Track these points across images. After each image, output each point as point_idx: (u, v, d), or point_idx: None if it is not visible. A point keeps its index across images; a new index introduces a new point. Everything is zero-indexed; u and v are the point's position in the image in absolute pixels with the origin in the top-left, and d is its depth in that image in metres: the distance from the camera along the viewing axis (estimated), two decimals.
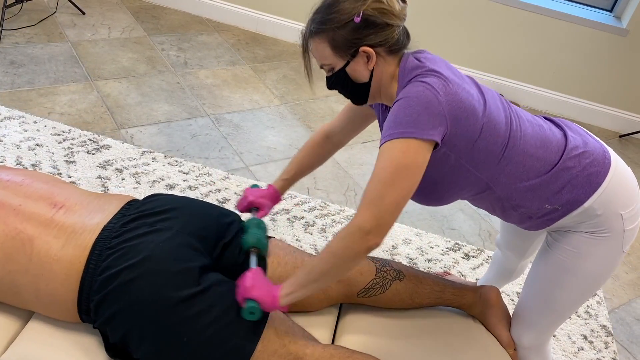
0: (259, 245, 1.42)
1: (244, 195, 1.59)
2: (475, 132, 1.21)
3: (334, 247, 1.18)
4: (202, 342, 1.20)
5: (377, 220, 1.13)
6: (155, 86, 3.07)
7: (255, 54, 3.62)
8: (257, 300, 1.22)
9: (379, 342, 1.46)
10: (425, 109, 1.15)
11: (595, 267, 1.34)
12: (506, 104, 1.31)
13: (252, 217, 1.52)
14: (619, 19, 3.49)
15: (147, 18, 3.72)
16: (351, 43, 1.21)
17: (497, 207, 1.37)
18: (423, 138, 1.14)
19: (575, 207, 1.29)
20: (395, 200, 1.13)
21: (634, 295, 2.46)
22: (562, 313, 1.42)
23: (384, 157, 1.15)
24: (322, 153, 1.61)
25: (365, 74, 1.25)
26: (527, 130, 1.28)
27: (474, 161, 1.25)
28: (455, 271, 2.33)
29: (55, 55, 3.11)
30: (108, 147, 2.51)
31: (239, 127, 2.90)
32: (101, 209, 1.35)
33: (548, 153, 1.28)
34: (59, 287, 1.25)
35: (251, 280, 1.24)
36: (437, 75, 1.19)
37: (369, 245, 1.14)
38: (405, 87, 1.19)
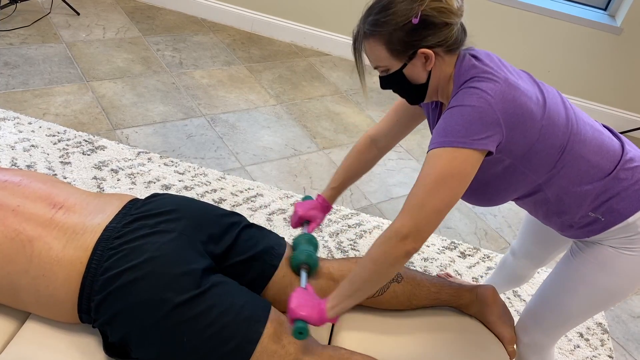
0: (309, 262, 1.43)
1: (294, 211, 1.59)
2: (534, 136, 1.18)
3: (373, 254, 1.18)
4: (202, 343, 1.20)
5: (416, 226, 1.12)
6: (151, 86, 3.06)
7: (251, 54, 3.62)
8: (305, 319, 1.22)
9: (376, 342, 1.46)
10: (479, 118, 1.11)
11: (614, 282, 1.31)
12: (568, 104, 1.26)
13: (302, 233, 1.53)
14: (613, 18, 3.50)
15: (142, 18, 3.71)
16: (409, 45, 1.16)
17: (541, 210, 1.34)
18: (473, 148, 1.11)
19: (619, 220, 1.26)
20: (437, 208, 1.12)
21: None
22: (568, 320, 1.40)
23: (431, 164, 1.13)
24: (368, 159, 1.59)
25: (423, 75, 1.22)
26: (587, 134, 1.25)
27: (529, 163, 1.21)
28: (451, 270, 2.33)
29: (50, 56, 3.10)
30: (103, 148, 2.50)
31: (235, 127, 2.90)
32: (102, 209, 1.34)
33: (604, 160, 1.25)
34: (60, 288, 1.25)
35: (296, 300, 1.25)
36: (493, 79, 1.15)
37: (407, 250, 1.13)
38: (460, 93, 1.16)
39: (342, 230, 2.38)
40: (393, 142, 1.57)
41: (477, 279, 2.32)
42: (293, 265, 1.46)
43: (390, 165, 2.90)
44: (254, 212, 2.37)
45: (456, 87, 1.20)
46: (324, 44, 3.85)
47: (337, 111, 3.25)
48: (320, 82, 3.50)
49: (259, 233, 1.46)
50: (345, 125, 3.14)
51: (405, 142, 3.10)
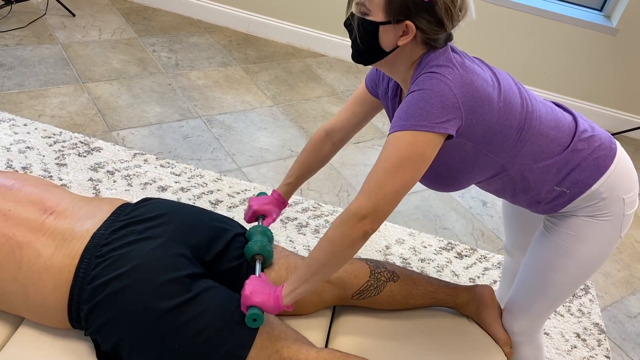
0: (263, 253, 1.41)
1: (249, 205, 1.58)
2: (492, 118, 1.20)
3: (330, 235, 1.17)
4: (194, 350, 1.19)
5: (374, 206, 1.13)
6: (147, 88, 3.05)
7: (247, 55, 3.62)
8: (259, 306, 1.21)
9: (373, 344, 1.46)
10: (440, 102, 1.13)
11: (593, 250, 1.35)
12: (520, 85, 1.30)
13: (256, 225, 1.51)
14: (608, 18, 3.51)
15: (138, 19, 3.70)
16: (406, 10, 1.15)
17: (507, 190, 1.37)
18: (434, 131, 1.13)
19: (583, 190, 1.30)
20: (395, 190, 1.13)
21: (625, 293, 2.48)
22: (555, 297, 1.43)
23: (390, 146, 1.14)
24: (323, 153, 1.59)
25: (391, 44, 1.21)
26: (541, 111, 1.29)
27: (491, 145, 1.24)
28: (448, 271, 2.33)
29: (46, 57, 3.09)
30: (99, 150, 2.50)
31: (231, 128, 2.90)
32: (92, 214, 1.33)
33: (561, 134, 1.29)
34: (49, 296, 1.23)
35: (250, 287, 1.23)
36: (450, 65, 1.18)
37: (365, 230, 1.14)
38: (420, 78, 1.18)
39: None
40: (348, 135, 1.56)
41: (474, 279, 2.32)
42: (247, 256, 1.42)
43: None
44: None
45: (416, 74, 1.21)
46: (321, 44, 3.84)
47: (334, 112, 3.24)
48: (317, 83, 3.50)
49: None
50: None
51: None
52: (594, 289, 2.45)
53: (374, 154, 2.96)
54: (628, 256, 2.70)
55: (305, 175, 1.61)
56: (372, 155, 2.94)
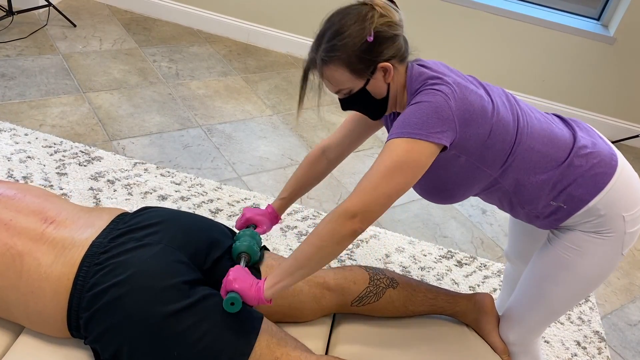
0: (249, 252, 1.41)
1: (242, 213, 1.59)
2: (485, 133, 1.24)
3: (320, 231, 1.19)
4: (193, 357, 1.19)
5: (365, 206, 1.15)
6: (147, 97, 3.07)
7: (247, 65, 3.63)
8: (239, 292, 1.21)
9: (372, 352, 1.46)
10: (435, 113, 1.18)
11: (594, 266, 1.35)
12: (513, 101, 1.33)
13: (246, 229, 1.51)
14: (606, 28, 3.53)
15: (138, 30, 3.73)
16: (369, 62, 1.22)
17: (505, 203, 1.40)
18: (429, 140, 1.17)
19: (580, 206, 1.31)
20: (388, 192, 1.16)
21: (626, 301, 2.48)
22: (553, 311, 1.43)
23: (387, 152, 1.18)
24: (318, 170, 1.60)
25: (384, 88, 1.28)
26: (534, 126, 1.31)
27: (483, 159, 1.28)
28: (448, 279, 2.33)
29: (47, 67, 3.10)
30: (100, 159, 2.51)
31: (231, 137, 2.91)
32: (91, 223, 1.34)
33: (555, 150, 1.30)
34: (48, 304, 1.24)
35: (233, 274, 1.25)
36: (443, 82, 1.22)
37: (354, 228, 1.16)
38: (417, 95, 1.22)
39: None
40: (344, 153, 1.58)
41: (474, 287, 2.32)
42: (233, 254, 1.43)
43: None
44: None
45: (410, 94, 1.27)
46: None
47: (333, 121, 3.26)
48: (316, 93, 3.51)
49: None
50: None
51: None
52: (594, 296, 2.45)
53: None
54: (628, 264, 2.70)
55: (300, 192, 1.62)
56: (371, 164, 2.95)
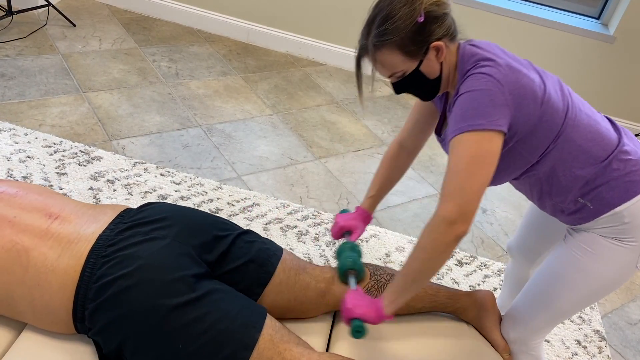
0: (355, 267, 1.47)
1: (335, 221, 1.63)
2: (534, 118, 1.24)
3: (423, 244, 1.20)
4: (197, 350, 1.20)
5: (461, 208, 1.15)
6: (147, 97, 3.07)
7: (247, 64, 3.63)
8: (362, 318, 1.26)
9: (373, 349, 1.46)
10: (490, 101, 1.18)
11: (605, 272, 1.34)
12: (566, 91, 1.32)
13: (344, 241, 1.56)
14: (606, 27, 3.53)
15: (138, 29, 3.72)
16: (421, 42, 1.23)
17: (535, 191, 1.38)
18: (492, 129, 1.17)
19: (606, 209, 1.29)
20: (476, 188, 1.16)
21: (626, 300, 2.48)
22: (557, 313, 1.41)
23: (458, 149, 1.18)
24: (399, 164, 1.63)
25: (437, 67, 1.28)
26: (582, 120, 1.30)
27: (526, 145, 1.27)
28: (448, 278, 2.33)
29: (46, 67, 3.10)
30: (99, 159, 2.50)
31: (231, 137, 2.91)
32: (96, 218, 1.35)
33: (596, 147, 1.29)
34: (54, 297, 1.25)
35: (351, 301, 1.29)
36: (495, 64, 1.22)
37: (457, 234, 1.16)
38: (467, 80, 1.22)
39: (338, 240, 2.38)
40: (419, 142, 1.60)
41: (474, 287, 2.32)
42: (340, 273, 1.49)
43: None
44: (251, 221, 2.37)
45: (461, 75, 1.27)
46: (320, 54, 3.86)
47: (333, 120, 3.26)
48: (316, 92, 3.51)
49: (253, 240, 1.46)
50: (341, 134, 3.15)
51: None
52: None
53: (374, 162, 2.97)
54: None
55: (386, 188, 1.66)
56: (371, 163, 2.95)
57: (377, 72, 1.31)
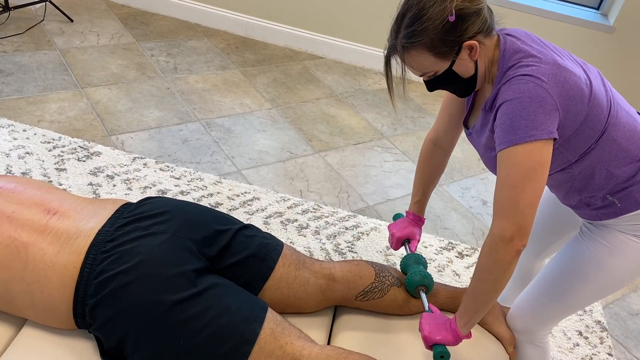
0: (425, 283, 1.47)
1: (391, 234, 1.63)
2: (580, 119, 1.19)
3: (486, 265, 1.20)
4: (199, 345, 1.19)
5: (517, 225, 1.14)
6: (145, 92, 3.06)
7: (245, 58, 3.62)
8: (442, 343, 1.28)
9: (375, 341, 1.46)
10: (541, 107, 1.13)
11: (621, 268, 1.32)
12: (607, 86, 1.28)
13: (408, 254, 1.56)
14: (605, 17, 3.52)
15: (136, 24, 3.71)
16: (453, 42, 1.18)
17: (563, 187, 1.35)
18: (544, 138, 1.13)
19: (634, 208, 1.27)
20: (530, 202, 1.13)
21: (627, 290, 2.48)
22: (567, 305, 1.40)
23: (509, 163, 1.14)
24: (436, 162, 1.61)
25: (471, 66, 1.23)
26: (622, 118, 1.26)
27: (569, 145, 1.23)
28: (449, 270, 2.33)
29: (44, 63, 3.09)
30: (99, 154, 2.50)
31: (230, 131, 2.90)
32: (95, 213, 1.34)
33: (634, 147, 1.26)
34: (54, 293, 1.24)
35: (427, 327, 1.31)
36: (540, 62, 1.16)
37: (517, 250, 1.15)
38: (512, 82, 1.17)
39: (339, 233, 2.38)
40: (454, 137, 1.56)
41: None
42: (410, 289, 1.50)
43: (386, 167, 2.89)
44: (251, 215, 2.36)
45: (501, 71, 1.21)
46: (318, 47, 3.85)
47: (333, 114, 3.25)
48: (315, 85, 3.50)
49: (254, 234, 1.45)
50: (340, 127, 3.14)
51: (401, 143, 3.10)
52: None
53: (374, 155, 2.96)
54: None
55: (429, 188, 1.64)
56: (371, 157, 2.94)
57: (409, 72, 1.27)
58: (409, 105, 3.52)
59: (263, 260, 1.41)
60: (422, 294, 1.47)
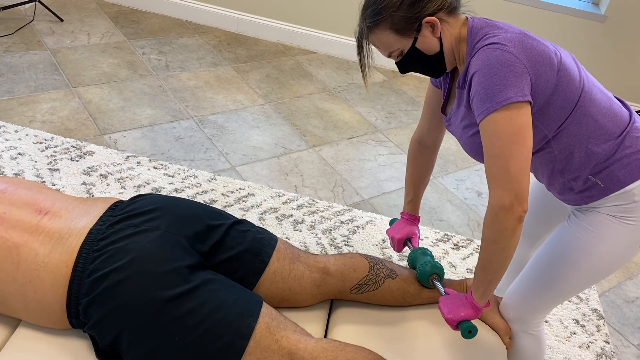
0: (436, 271, 1.51)
1: (390, 238, 1.67)
2: (551, 86, 1.21)
3: (490, 237, 1.20)
4: (194, 341, 1.19)
5: (513, 191, 1.14)
6: (137, 90, 3.04)
7: (237, 55, 3.61)
8: (466, 319, 1.30)
9: (371, 333, 1.46)
10: (511, 71, 1.14)
11: (609, 252, 1.33)
12: (580, 66, 1.30)
13: (413, 250, 1.60)
14: (597, 6, 3.52)
15: (127, 23, 3.69)
16: (413, 19, 1.22)
17: (546, 170, 1.36)
18: (519, 100, 1.14)
19: (617, 187, 1.27)
20: (520, 166, 1.14)
21: (623, 278, 2.48)
22: (559, 293, 1.41)
23: (491, 132, 1.16)
24: (424, 161, 1.63)
25: (435, 43, 1.26)
26: (596, 94, 1.27)
27: (543, 116, 1.24)
28: (445, 262, 2.33)
29: (35, 63, 3.07)
30: (92, 153, 2.49)
31: (224, 128, 2.89)
32: (87, 212, 1.33)
33: (611, 123, 1.27)
34: (47, 293, 1.23)
35: (446, 308, 1.34)
36: (506, 32, 1.19)
37: (518, 216, 1.16)
38: (479, 53, 1.19)
39: (334, 227, 2.38)
40: (437, 135, 1.58)
41: (471, 270, 2.32)
42: (423, 281, 1.52)
43: (380, 160, 2.89)
44: (246, 212, 2.36)
45: (470, 46, 1.24)
46: (311, 42, 3.84)
47: (326, 108, 3.24)
48: (308, 80, 3.49)
49: (247, 229, 1.45)
50: (334, 122, 3.13)
51: (395, 137, 3.10)
52: None
53: (368, 149, 2.96)
54: None
55: (420, 186, 1.66)
56: (365, 150, 2.94)
57: (377, 53, 1.30)
58: (402, 98, 3.52)
59: (257, 254, 1.41)
60: (436, 282, 1.50)
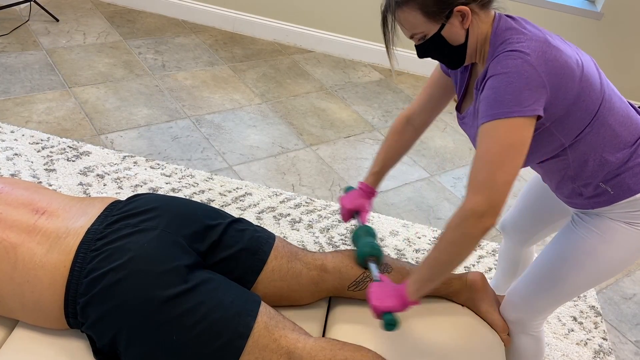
0: (374, 253, 1.45)
1: (341, 205, 1.61)
2: (571, 98, 1.18)
3: (451, 237, 1.18)
4: (192, 340, 1.19)
5: (490, 202, 1.12)
6: (134, 90, 3.04)
7: (234, 54, 3.60)
8: (390, 310, 1.26)
9: (369, 332, 1.46)
10: (527, 84, 1.11)
11: (614, 255, 1.32)
12: (601, 73, 1.27)
13: (358, 226, 1.54)
14: (593, 3, 3.52)
15: (123, 22, 3.68)
16: (445, 4, 1.16)
17: (556, 175, 1.34)
18: (526, 115, 1.12)
19: (627, 195, 1.26)
20: (506, 180, 1.12)
21: (621, 275, 2.49)
22: (561, 295, 1.40)
23: (489, 138, 1.13)
24: (405, 139, 1.57)
25: (462, 34, 1.21)
26: (615, 102, 1.25)
27: (561, 125, 1.21)
28: None
29: (30, 63, 3.06)
30: (88, 154, 2.48)
31: (221, 127, 2.88)
32: (84, 212, 1.33)
33: (626, 133, 1.25)
34: (45, 293, 1.23)
35: (376, 296, 1.29)
36: (530, 39, 1.15)
37: (485, 227, 1.13)
38: (500, 57, 1.15)
39: (332, 226, 2.37)
40: (429, 119, 1.54)
41: (469, 267, 2.33)
42: (360, 260, 1.48)
43: None
44: (243, 211, 2.36)
45: (493, 48, 1.20)
46: (307, 41, 3.84)
47: (323, 107, 3.24)
48: (305, 79, 3.49)
49: (245, 228, 1.44)
50: (331, 121, 3.13)
51: None
52: None
53: (365, 147, 2.96)
54: None
55: (390, 163, 1.60)
56: (363, 149, 2.94)
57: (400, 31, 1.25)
58: (399, 96, 3.52)
59: (255, 253, 1.41)
60: (372, 265, 1.44)
